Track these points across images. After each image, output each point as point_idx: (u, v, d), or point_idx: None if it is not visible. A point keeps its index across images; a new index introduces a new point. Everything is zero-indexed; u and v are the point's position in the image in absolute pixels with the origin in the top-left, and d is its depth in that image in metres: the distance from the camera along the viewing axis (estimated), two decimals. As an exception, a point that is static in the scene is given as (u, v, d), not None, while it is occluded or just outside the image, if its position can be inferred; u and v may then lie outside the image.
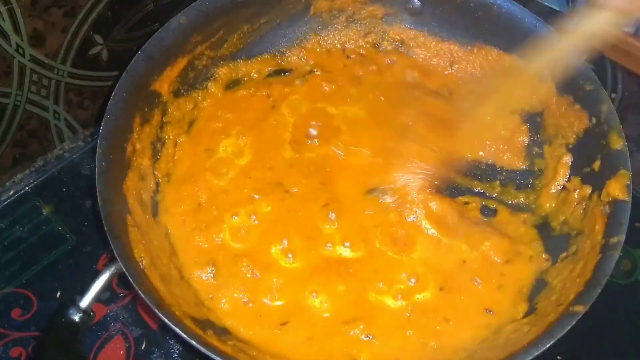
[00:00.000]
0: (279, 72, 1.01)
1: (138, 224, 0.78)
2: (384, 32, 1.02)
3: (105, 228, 0.70)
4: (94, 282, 0.71)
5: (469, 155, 0.94)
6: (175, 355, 0.84)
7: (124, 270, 0.68)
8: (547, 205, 0.89)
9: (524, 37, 0.91)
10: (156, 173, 0.87)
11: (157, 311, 0.66)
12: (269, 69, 1.01)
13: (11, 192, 0.98)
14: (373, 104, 0.97)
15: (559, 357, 0.85)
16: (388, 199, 0.88)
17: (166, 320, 0.66)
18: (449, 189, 0.91)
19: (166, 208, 0.86)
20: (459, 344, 0.77)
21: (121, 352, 0.84)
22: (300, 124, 0.96)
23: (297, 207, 0.87)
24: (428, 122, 0.93)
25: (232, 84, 0.99)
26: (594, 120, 0.84)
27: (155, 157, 0.88)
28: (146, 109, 0.86)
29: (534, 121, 0.95)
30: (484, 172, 0.94)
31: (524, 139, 0.95)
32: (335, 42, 1.03)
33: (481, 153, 0.95)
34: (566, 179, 0.88)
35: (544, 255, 0.84)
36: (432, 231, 0.86)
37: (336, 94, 0.98)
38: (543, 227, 0.88)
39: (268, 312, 0.79)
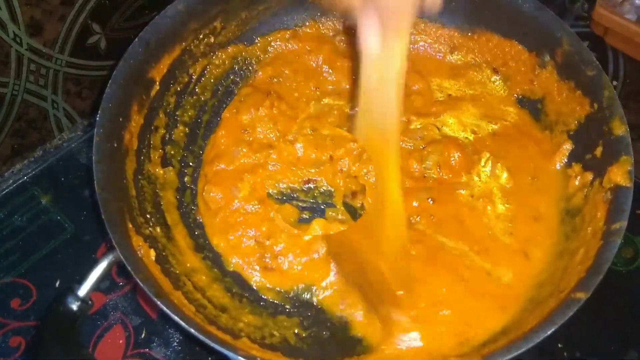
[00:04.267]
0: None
1: (136, 212, 0.77)
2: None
3: (103, 216, 0.70)
4: (92, 271, 0.70)
5: None
6: (175, 344, 0.84)
7: (122, 258, 0.68)
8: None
9: (525, 22, 0.90)
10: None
11: (155, 299, 0.66)
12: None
13: (10, 182, 0.98)
14: None
15: (559, 345, 0.85)
16: None
17: (164, 308, 0.66)
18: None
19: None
20: None
21: (121, 341, 0.84)
22: None
23: None
24: None
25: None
26: (595, 106, 0.83)
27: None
28: (144, 97, 0.86)
29: (535, 107, 0.94)
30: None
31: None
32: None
33: None
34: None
35: None
36: None
37: None
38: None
39: None
